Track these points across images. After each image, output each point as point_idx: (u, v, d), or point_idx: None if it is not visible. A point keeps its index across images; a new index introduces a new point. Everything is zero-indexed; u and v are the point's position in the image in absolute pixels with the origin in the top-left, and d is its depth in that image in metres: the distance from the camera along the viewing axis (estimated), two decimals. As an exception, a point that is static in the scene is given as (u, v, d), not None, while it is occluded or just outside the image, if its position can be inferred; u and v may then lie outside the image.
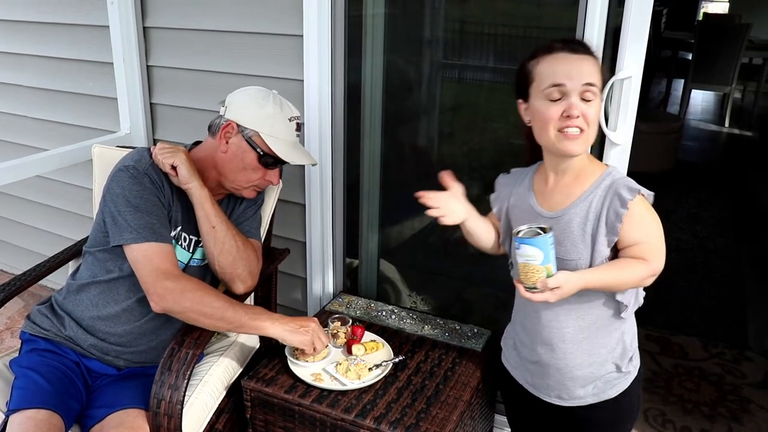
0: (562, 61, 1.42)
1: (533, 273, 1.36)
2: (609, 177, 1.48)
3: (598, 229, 1.44)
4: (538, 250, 1.34)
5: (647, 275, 1.43)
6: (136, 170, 1.78)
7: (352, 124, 2.34)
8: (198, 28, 2.43)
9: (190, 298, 1.70)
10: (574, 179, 1.51)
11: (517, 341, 1.70)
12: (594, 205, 1.45)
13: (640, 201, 1.43)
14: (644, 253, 1.42)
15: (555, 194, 1.53)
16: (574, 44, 1.45)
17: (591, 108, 1.41)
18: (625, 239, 1.43)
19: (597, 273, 1.43)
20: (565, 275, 1.39)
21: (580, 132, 1.42)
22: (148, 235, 1.72)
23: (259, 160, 1.83)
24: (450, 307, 2.73)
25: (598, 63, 1.45)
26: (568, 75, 1.40)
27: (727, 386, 2.73)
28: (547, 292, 1.36)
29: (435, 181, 1.63)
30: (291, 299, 2.59)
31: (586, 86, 1.40)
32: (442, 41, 2.45)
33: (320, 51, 2.19)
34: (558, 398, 1.61)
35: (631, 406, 1.65)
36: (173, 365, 1.68)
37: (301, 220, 2.43)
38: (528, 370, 1.66)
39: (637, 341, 1.62)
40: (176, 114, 2.61)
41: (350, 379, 1.82)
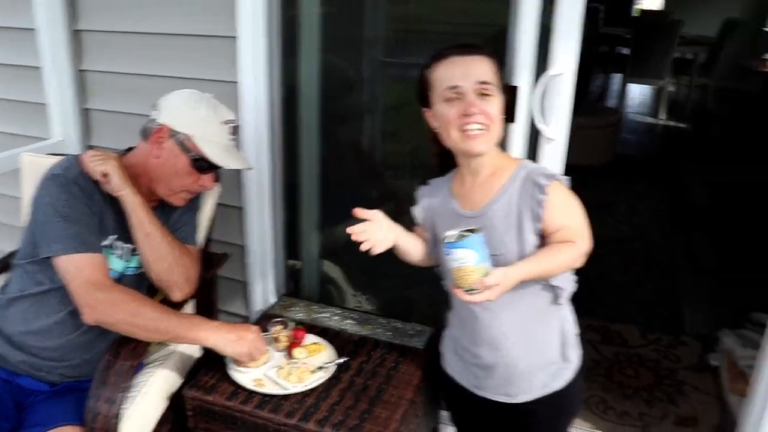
0: (455, 64, 1.47)
1: (469, 275, 1.35)
2: (524, 169, 1.51)
3: (522, 219, 1.46)
4: (469, 251, 1.34)
5: (577, 256, 1.44)
6: (65, 178, 1.73)
7: (289, 125, 2.32)
8: (131, 31, 2.38)
9: (123, 309, 1.66)
10: (490, 176, 1.53)
11: (457, 346, 1.71)
12: (514, 197, 1.48)
13: (558, 186, 1.46)
14: (570, 236, 1.43)
15: (474, 194, 1.55)
16: (466, 47, 1.50)
17: (490, 104, 1.45)
18: (550, 225, 1.44)
19: (532, 263, 1.43)
20: (501, 271, 1.38)
21: (482, 129, 1.45)
22: (78, 246, 1.68)
23: (192, 164, 1.80)
24: (393, 305, 2.74)
25: (492, 62, 1.49)
26: (461, 76, 1.45)
27: (664, 371, 2.82)
28: (487, 291, 1.36)
29: (377, 180, 1.63)
30: (232, 304, 2.56)
31: (480, 84, 1.44)
32: (381, 40, 2.45)
33: (255, 52, 2.16)
34: (506, 395, 1.62)
35: (575, 397, 1.69)
36: (109, 378, 1.64)
37: (240, 224, 2.40)
38: (473, 373, 1.66)
39: (576, 329, 1.65)
40: (111, 119, 2.55)
41: (292, 383, 1.81)
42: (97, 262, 1.70)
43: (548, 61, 1.87)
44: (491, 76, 1.47)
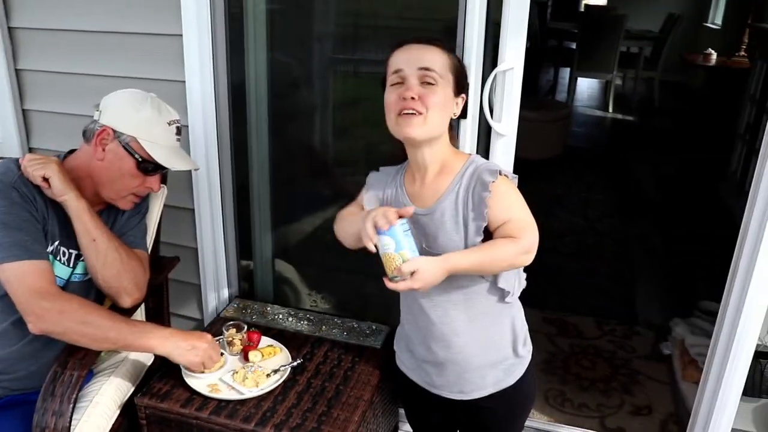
0: (406, 51, 1.47)
1: (390, 262, 1.36)
2: (472, 165, 1.49)
3: (468, 216, 1.45)
4: (389, 238, 1.36)
5: (519, 252, 1.40)
6: (3, 184, 1.65)
7: (238, 124, 2.27)
8: (70, 29, 2.29)
9: (70, 317, 1.60)
10: (438, 173, 1.51)
11: (409, 343, 1.70)
12: (461, 194, 1.46)
13: (502, 181, 1.45)
14: (513, 231, 1.40)
15: (425, 191, 1.53)
16: (423, 38, 1.49)
17: (432, 93, 1.43)
18: (493, 220, 1.43)
19: (465, 254, 1.42)
20: (423, 259, 1.37)
21: (418, 115, 1.42)
22: (21, 253, 1.61)
23: (137, 166, 1.74)
24: (349, 303, 2.72)
25: (446, 55, 1.47)
26: (406, 61, 1.45)
27: (619, 361, 2.86)
28: (409, 280, 1.34)
29: (328, 177, 1.60)
30: (185, 307, 2.50)
31: (423, 70, 1.43)
32: (329, 36, 2.42)
33: (201, 50, 2.11)
34: (459, 393, 1.62)
35: (528, 392, 1.69)
36: (56, 390, 1.58)
37: (191, 226, 2.34)
38: (425, 370, 1.66)
39: (526, 326, 1.66)
40: (52, 120, 2.45)
41: (248, 387, 1.77)
42: (41, 269, 1.63)
43: (498, 56, 1.88)
44: (439, 66, 1.44)
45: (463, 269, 1.40)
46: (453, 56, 1.50)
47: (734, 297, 1.94)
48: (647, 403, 2.58)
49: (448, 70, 1.47)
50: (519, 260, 1.41)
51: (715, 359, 2.02)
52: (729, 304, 1.96)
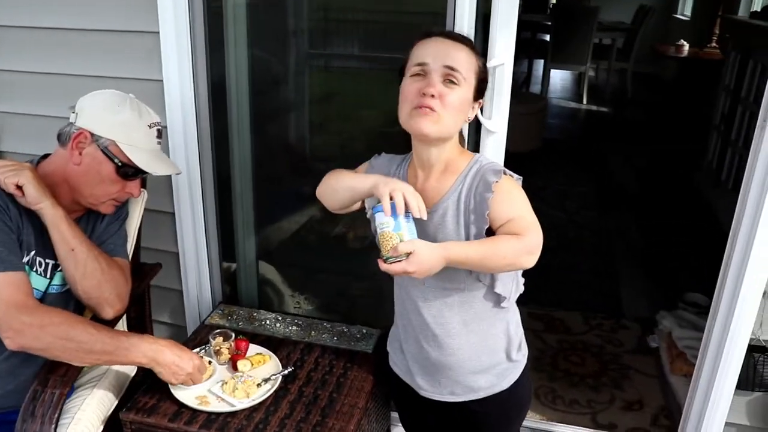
0: (433, 44, 1.42)
1: (387, 241, 1.32)
2: (476, 164, 1.46)
3: (469, 216, 1.42)
4: (388, 216, 1.31)
5: (522, 251, 1.35)
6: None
7: (219, 123, 2.19)
8: (40, 26, 2.19)
9: (51, 332, 1.51)
10: (442, 173, 1.47)
11: (402, 343, 1.66)
12: (464, 194, 1.43)
13: (506, 180, 1.42)
14: (516, 230, 1.36)
15: (427, 190, 1.48)
16: (453, 34, 1.46)
17: (452, 93, 1.38)
18: (496, 220, 1.39)
19: (466, 245, 1.37)
20: (420, 242, 1.32)
21: (432, 112, 1.37)
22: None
23: (117, 171, 1.66)
24: (334, 304, 2.67)
25: (474, 55, 1.44)
26: (433, 55, 1.39)
27: (607, 356, 2.85)
28: (404, 262, 1.29)
29: (309, 175, 1.54)
30: (168, 314, 2.42)
31: (447, 69, 1.38)
32: (309, 31, 2.36)
33: (179, 47, 2.03)
34: (451, 395, 1.59)
35: (523, 396, 1.67)
36: (37, 410, 1.50)
37: (172, 230, 2.26)
38: (418, 371, 1.62)
39: (522, 329, 1.64)
40: (22, 123, 2.34)
41: (238, 398, 1.71)
42: (18, 281, 1.54)
43: (488, 51, 1.83)
44: (464, 67, 1.40)
45: (462, 260, 1.35)
46: (479, 59, 1.46)
47: (727, 291, 1.92)
48: (638, 398, 2.57)
49: (472, 72, 1.42)
50: (521, 260, 1.36)
51: (708, 353, 2.01)
52: (722, 299, 1.95)
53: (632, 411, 2.50)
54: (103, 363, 1.67)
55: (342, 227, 2.57)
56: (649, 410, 2.51)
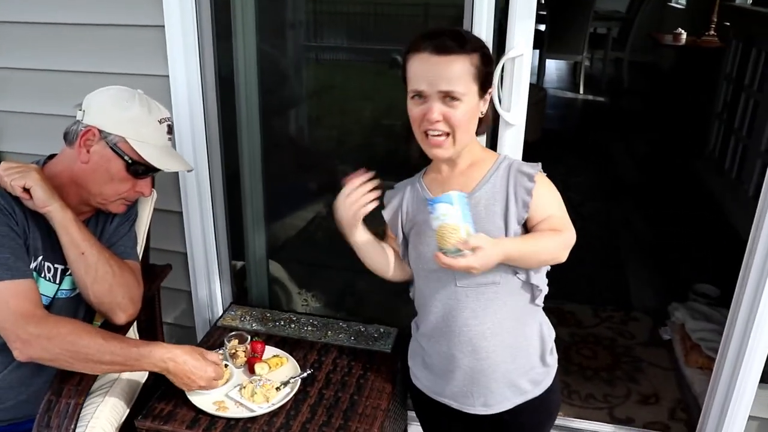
0: (425, 64, 1.35)
1: (451, 233, 1.26)
2: (506, 161, 1.48)
3: (508, 207, 1.41)
4: (452, 206, 1.26)
5: (562, 246, 1.40)
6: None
7: (227, 119, 2.13)
8: (40, 22, 2.13)
9: (59, 343, 1.45)
10: (469, 167, 1.48)
11: (426, 357, 1.60)
12: (498, 185, 1.43)
13: (542, 176, 1.44)
14: (556, 225, 1.40)
15: (452, 183, 1.47)
16: (443, 41, 1.35)
17: (457, 110, 1.35)
18: (536, 215, 1.41)
19: (516, 241, 1.39)
20: (485, 237, 1.30)
21: (445, 136, 1.37)
22: (2, 272, 1.46)
23: (127, 169, 1.60)
24: (342, 301, 2.62)
25: (471, 59, 1.35)
26: (427, 80, 1.34)
27: (620, 348, 2.82)
28: (470, 256, 1.27)
29: (321, 171, 1.49)
30: (176, 316, 2.37)
31: (444, 93, 1.34)
32: (319, 23, 2.29)
33: (186, 41, 1.97)
34: (484, 406, 1.53)
35: (555, 402, 1.64)
36: (52, 420, 1.45)
37: (180, 230, 2.21)
38: (446, 384, 1.55)
39: (554, 332, 1.60)
40: (23, 122, 2.28)
41: (258, 403, 1.66)
42: (25, 289, 1.48)
43: (506, 42, 1.79)
44: (461, 83, 1.34)
45: (516, 256, 1.37)
46: (474, 56, 1.36)
47: (751, 282, 1.89)
48: (653, 391, 2.54)
49: (471, 80, 1.36)
50: (561, 254, 1.41)
51: (731, 346, 1.97)
52: (745, 290, 1.91)
53: (649, 405, 2.47)
54: (114, 372, 1.61)
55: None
56: (665, 404, 2.48)
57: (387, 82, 2.30)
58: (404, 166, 2.11)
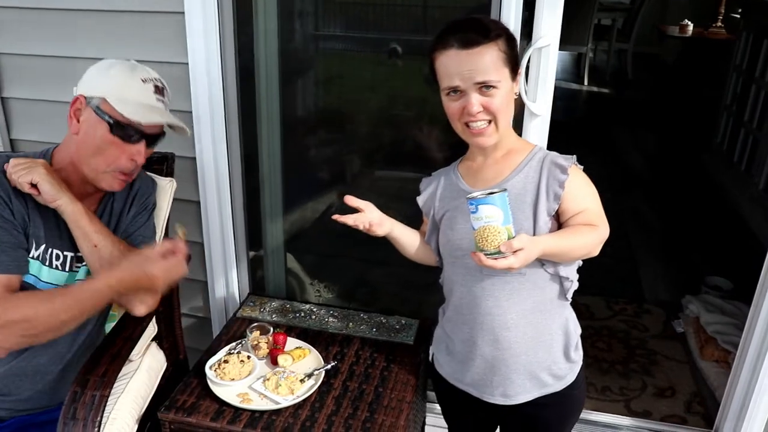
0: (455, 60, 1.35)
1: (494, 236, 1.25)
2: (540, 152, 1.47)
3: (538, 199, 1.39)
4: (496, 209, 1.24)
5: (597, 241, 1.38)
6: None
7: (246, 106, 2.10)
8: (55, 7, 2.09)
9: (11, 326, 1.37)
10: (504, 156, 1.47)
11: (449, 344, 1.59)
12: (531, 175, 1.42)
13: (577, 169, 1.43)
14: (591, 219, 1.39)
15: (485, 172, 1.48)
16: (469, 34, 1.34)
17: (494, 97, 1.36)
18: (570, 208, 1.39)
19: (552, 237, 1.37)
20: (526, 237, 1.29)
21: (487, 124, 1.38)
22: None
23: (111, 130, 1.51)
24: (355, 292, 2.60)
25: (499, 46, 1.35)
26: (460, 76, 1.34)
27: (634, 341, 2.81)
28: (511, 257, 1.25)
29: (341, 163, 1.47)
30: (192, 306, 2.34)
31: (480, 84, 1.34)
32: (340, 10, 2.25)
33: (206, 28, 1.94)
34: (503, 396, 1.52)
35: (579, 398, 1.61)
36: (78, 412, 1.42)
37: (197, 219, 2.18)
38: (467, 371, 1.55)
39: (580, 328, 1.58)
40: (36, 109, 2.25)
41: (282, 395, 1.64)
42: (2, 283, 1.44)
43: (533, 32, 1.77)
44: (494, 71, 1.34)
45: (553, 253, 1.35)
46: (501, 41, 1.35)
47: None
48: (669, 384, 2.54)
49: (502, 65, 1.36)
50: (595, 250, 1.40)
51: (752, 342, 1.96)
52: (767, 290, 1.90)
53: (665, 398, 2.47)
54: (80, 318, 1.45)
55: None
56: (681, 397, 2.47)
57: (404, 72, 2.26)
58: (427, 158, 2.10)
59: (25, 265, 1.52)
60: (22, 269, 1.51)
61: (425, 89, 2.21)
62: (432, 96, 1.46)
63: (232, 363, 1.71)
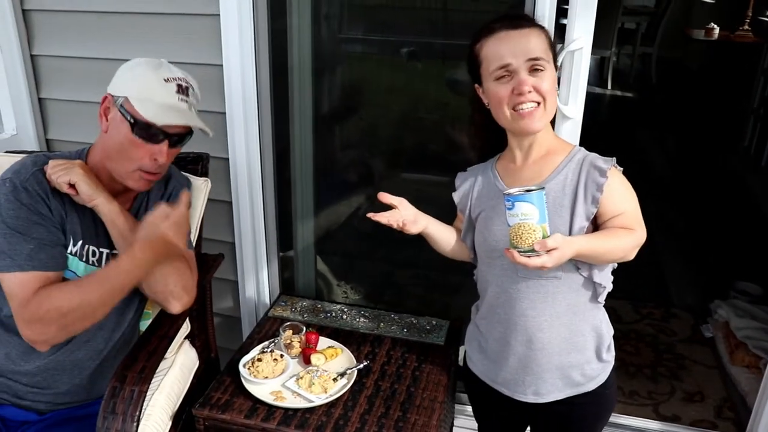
0: (505, 40, 1.38)
1: (529, 234, 1.25)
2: (580, 152, 1.46)
3: (576, 201, 1.39)
4: (533, 206, 1.24)
5: (633, 245, 1.37)
6: (12, 184, 1.49)
7: (279, 107, 2.12)
8: (92, 10, 2.13)
9: (49, 319, 1.40)
10: (543, 156, 1.46)
11: (482, 341, 1.60)
12: (570, 178, 1.41)
13: (616, 171, 1.41)
14: (628, 223, 1.38)
15: (524, 172, 1.47)
16: (515, 19, 1.41)
17: (543, 80, 1.37)
18: (607, 211, 1.39)
19: (588, 239, 1.36)
20: (561, 236, 1.28)
21: (536, 106, 1.38)
22: (23, 263, 1.45)
23: (132, 130, 1.51)
24: (381, 293, 2.60)
25: (544, 33, 1.41)
26: (512, 53, 1.36)
27: (662, 345, 2.79)
28: (545, 256, 1.26)
29: (374, 166, 1.48)
30: (222, 306, 2.36)
31: (532, 61, 1.36)
32: (378, 11, 2.26)
33: (241, 30, 1.96)
34: (535, 395, 1.52)
35: (610, 399, 1.60)
36: (117, 407, 1.44)
37: (229, 219, 2.21)
38: (500, 370, 1.55)
39: (612, 329, 1.58)
40: (71, 110, 2.29)
41: (316, 393, 1.66)
42: (40, 281, 1.46)
43: (566, 35, 1.78)
44: (543, 50, 1.38)
45: (587, 255, 1.34)
46: (544, 31, 1.42)
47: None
48: (698, 389, 2.52)
49: (547, 50, 1.40)
50: (630, 254, 1.38)
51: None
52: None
53: (694, 402, 2.45)
54: (110, 301, 1.47)
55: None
56: (711, 402, 2.45)
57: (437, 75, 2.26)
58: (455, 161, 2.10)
59: (63, 262, 1.55)
60: (60, 266, 1.53)
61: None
62: (455, 99, 1.47)
63: (266, 361, 1.73)
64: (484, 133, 1.56)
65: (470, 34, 1.46)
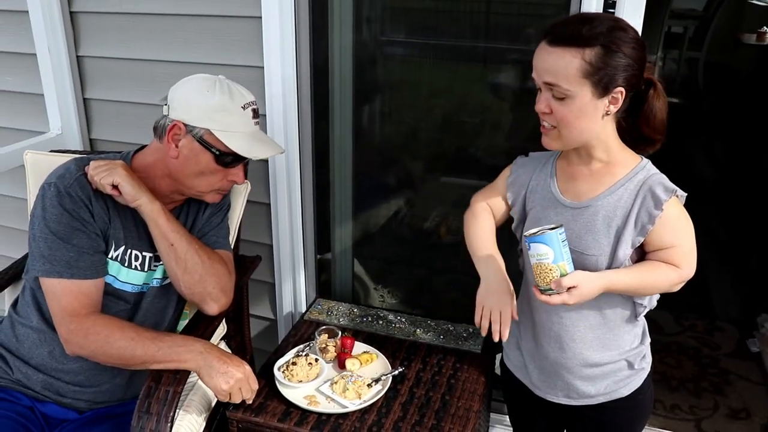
0: (539, 53, 1.30)
1: (546, 273, 1.27)
2: (643, 171, 1.35)
3: (625, 226, 1.32)
4: (547, 247, 1.25)
5: (677, 282, 1.34)
6: (57, 189, 1.52)
7: (319, 111, 2.12)
8: (136, 12, 2.15)
9: (93, 340, 1.49)
10: (603, 166, 1.37)
11: (519, 340, 1.59)
12: (624, 199, 1.33)
13: (675, 202, 1.32)
14: (676, 259, 1.32)
15: (581, 182, 1.40)
16: (562, 31, 1.26)
17: (561, 107, 1.28)
18: (656, 242, 1.32)
19: (622, 274, 1.32)
20: (582, 274, 1.28)
21: (551, 127, 1.32)
22: (62, 270, 1.50)
23: (216, 161, 1.56)
24: (418, 298, 2.58)
25: (578, 57, 1.23)
26: (536, 70, 1.31)
27: (705, 359, 2.72)
28: (564, 294, 1.26)
29: (414, 171, 1.45)
30: (259, 308, 2.37)
31: (548, 85, 1.28)
32: (420, 14, 2.23)
33: (283, 32, 1.96)
34: (566, 398, 1.52)
35: (644, 404, 1.57)
36: (152, 407, 1.45)
37: (267, 221, 2.21)
38: (534, 370, 1.55)
39: (649, 339, 1.54)
40: (114, 110, 2.32)
41: (350, 399, 1.65)
42: (79, 289, 1.51)
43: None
44: (565, 78, 1.24)
45: (618, 289, 1.32)
46: (590, 50, 1.22)
47: None
48: (743, 406, 2.44)
49: (579, 76, 1.23)
50: (673, 289, 1.35)
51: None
52: None
53: (739, 419, 2.37)
54: (153, 367, 1.53)
55: (433, 221, 2.48)
56: (757, 420, 2.37)
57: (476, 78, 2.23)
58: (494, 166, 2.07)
59: (102, 269, 1.57)
60: (99, 273, 1.56)
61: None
62: (496, 104, 1.43)
63: (300, 365, 1.72)
64: None
65: (512, 37, 1.42)
